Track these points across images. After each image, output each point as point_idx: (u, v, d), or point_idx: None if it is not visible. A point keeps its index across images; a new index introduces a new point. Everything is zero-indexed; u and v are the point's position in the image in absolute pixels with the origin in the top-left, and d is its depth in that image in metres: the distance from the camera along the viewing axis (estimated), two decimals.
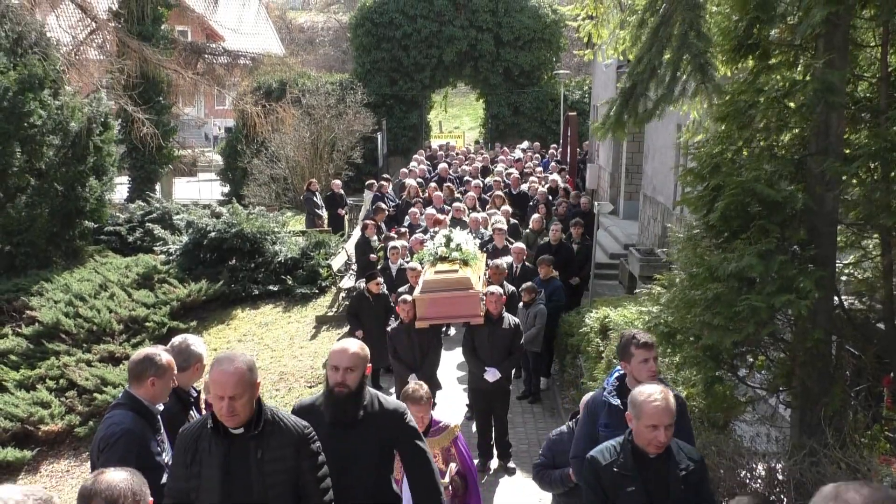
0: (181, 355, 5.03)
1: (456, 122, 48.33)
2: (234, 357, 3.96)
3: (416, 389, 5.70)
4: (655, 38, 5.35)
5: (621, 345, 5.02)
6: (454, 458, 5.84)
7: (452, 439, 5.87)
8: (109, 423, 4.52)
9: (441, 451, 5.78)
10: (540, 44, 31.89)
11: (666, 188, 15.87)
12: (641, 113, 5.62)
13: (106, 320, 15.24)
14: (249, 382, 3.90)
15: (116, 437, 4.41)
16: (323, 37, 57.54)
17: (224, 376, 3.86)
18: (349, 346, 4.61)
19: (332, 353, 4.61)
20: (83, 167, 18.94)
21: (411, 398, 5.59)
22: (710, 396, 6.20)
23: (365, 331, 11.20)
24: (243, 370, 3.90)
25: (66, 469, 12.31)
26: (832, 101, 5.35)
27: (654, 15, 5.49)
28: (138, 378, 4.64)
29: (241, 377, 3.87)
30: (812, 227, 5.63)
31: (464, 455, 5.91)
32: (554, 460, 5.78)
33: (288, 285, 17.49)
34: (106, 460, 4.39)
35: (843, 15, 5.38)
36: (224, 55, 29.76)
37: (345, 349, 4.57)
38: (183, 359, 5.03)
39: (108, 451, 4.39)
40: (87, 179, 19.10)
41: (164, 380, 4.69)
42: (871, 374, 5.89)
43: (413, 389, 5.72)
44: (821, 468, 5.13)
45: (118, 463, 4.08)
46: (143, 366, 4.65)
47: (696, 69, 5.13)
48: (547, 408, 11.31)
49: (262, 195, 25.87)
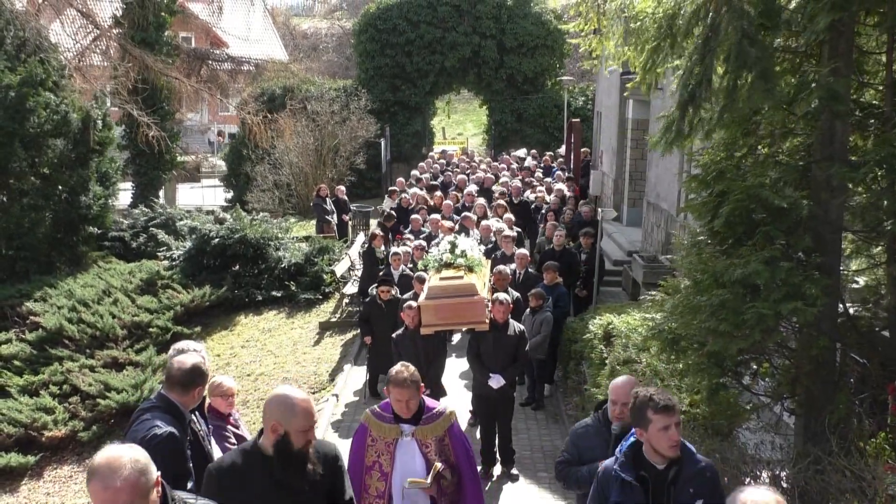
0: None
1: (459, 128, 48.36)
2: (118, 465, 3.03)
3: (400, 371, 5.14)
4: (706, 49, 5.34)
5: (635, 408, 4.24)
6: (448, 449, 5.25)
7: (447, 427, 5.27)
8: (150, 424, 4.51)
9: (434, 442, 5.21)
10: (543, 50, 31.91)
11: (670, 195, 15.86)
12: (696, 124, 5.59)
13: (109, 326, 15.25)
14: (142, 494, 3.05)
15: (160, 439, 4.41)
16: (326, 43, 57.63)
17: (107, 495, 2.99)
18: (308, 404, 4.00)
19: (300, 409, 3.91)
20: (86, 170, 18.98)
21: (393, 380, 5.09)
22: (715, 404, 6.20)
23: (375, 336, 11.25)
24: (133, 481, 3.02)
25: (69, 475, 12.30)
26: (837, 109, 5.35)
27: (698, 24, 5.48)
28: (185, 386, 4.68)
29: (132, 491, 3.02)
30: (817, 235, 5.63)
31: (460, 446, 5.32)
32: (580, 456, 5.35)
33: (291, 291, 17.49)
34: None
35: (847, 22, 5.38)
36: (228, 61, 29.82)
37: (309, 410, 3.97)
38: None
39: (151, 451, 4.36)
40: (90, 183, 19.14)
41: (204, 387, 4.86)
42: (875, 382, 5.88)
43: (396, 371, 5.15)
44: (825, 476, 5.11)
45: (161, 464, 4.05)
46: (192, 376, 4.71)
47: (759, 76, 5.12)
48: (550, 414, 11.29)
49: (266, 201, 25.90)
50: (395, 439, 5.18)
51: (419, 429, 5.17)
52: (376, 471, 5.21)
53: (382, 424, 5.23)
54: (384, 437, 5.20)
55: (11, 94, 17.33)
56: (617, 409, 5.08)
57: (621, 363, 8.26)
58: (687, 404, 6.71)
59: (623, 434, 4.79)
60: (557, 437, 10.47)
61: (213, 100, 29.22)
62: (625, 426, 4.84)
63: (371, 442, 5.24)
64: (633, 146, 20.48)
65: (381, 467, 5.21)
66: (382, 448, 5.20)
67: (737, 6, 5.15)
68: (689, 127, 5.55)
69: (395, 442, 5.18)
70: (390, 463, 5.18)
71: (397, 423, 5.18)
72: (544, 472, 9.48)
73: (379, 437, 5.22)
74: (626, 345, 8.60)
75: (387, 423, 5.22)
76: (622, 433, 4.85)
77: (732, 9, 5.15)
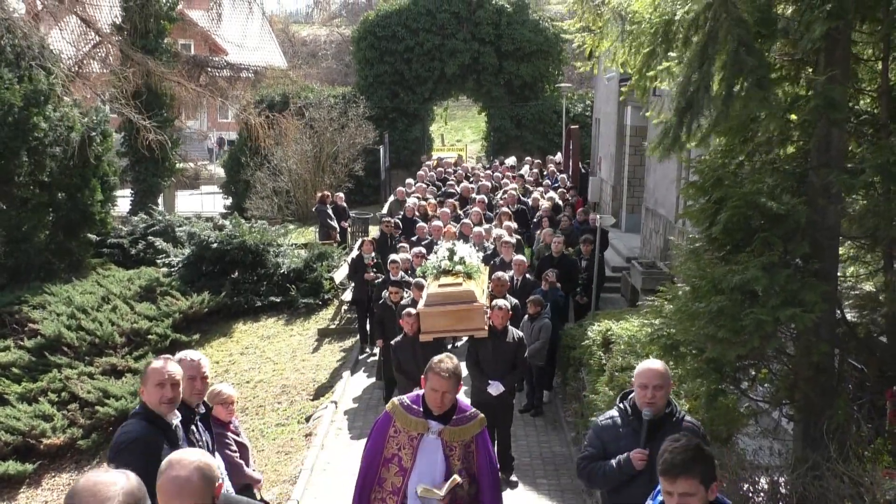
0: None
1: (458, 134, 48.42)
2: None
3: (444, 360, 4.93)
4: (704, 57, 5.37)
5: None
6: (472, 457, 4.98)
7: (476, 434, 5.01)
8: (121, 430, 4.56)
9: (459, 446, 4.93)
10: (542, 57, 31.96)
11: (668, 201, 15.89)
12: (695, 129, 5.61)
13: (108, 333, 15.26)
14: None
15: (125, 445, 4.43)
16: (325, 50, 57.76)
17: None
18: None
19: None
20: (85, 177, 19.02)
21: (435, 369, 4.87)
22: (713, 409, 6.20)
23: (387, 339, 11.28)
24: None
25: (67, 482, 12.29)
26: (834, 117, 5.38)
27: (697, 32, 5.51)
28: (145, 387, 4.66)
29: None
30: (814, 241, 5.65)
31: (485, 456, 5.05)
32: (605, 449, 4.88)
33: (290, 298, 17.51)
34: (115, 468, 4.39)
35: (843, 30, 5.41)
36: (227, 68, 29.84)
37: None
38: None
39: (116, 458, 4.40)
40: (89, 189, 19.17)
41: (148, 387, 4.62)
42: (874, 388, 5.90)
43: (439, 359, 4.95)
44: (824, 482, 5.12)
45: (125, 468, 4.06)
46: (143, 375, 4.70)
47: (754, 84, 5.14)
48: (549, 421, 11.29)
49: (265, 208, 25.93)
50: (420, 434, 4.92)
51: (448, 429, 4.92)
52: (395, 464, 4.95)
53: (409, 416, 4.96)
54: (408, 430, 4.93)
55: (15, 110, 17.41)
56: (648, 394, 4.68)
57: (620, 369, 8.27)
58: (686, 410, 6.72)
59: (656, 421, 4.68)
60: (556, 444, 10.48)
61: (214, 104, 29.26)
62: (657, 412, 4.71)
63: (394, 433, 4.97)
64: (632, 153, 20.53)
65: (400, 461, 4.94)
66: (405, 441, 4.93)
67: (735, 14, 5.18)
68: (686, 134, 5.57)
69: (419, 437, 4.92)
70: (411, 458, 4.91)
71: (426, 418, 4.93)
72: (543, 478, 9.49)
73: (403, 429, 4.95)
74: (625, 351, 8.61)
75: (414, 416, 4.96)
76: (656, 420, 4.70)
77: (730, 16, 5.18)
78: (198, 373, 5.18)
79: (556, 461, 9.98)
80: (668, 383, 4.74)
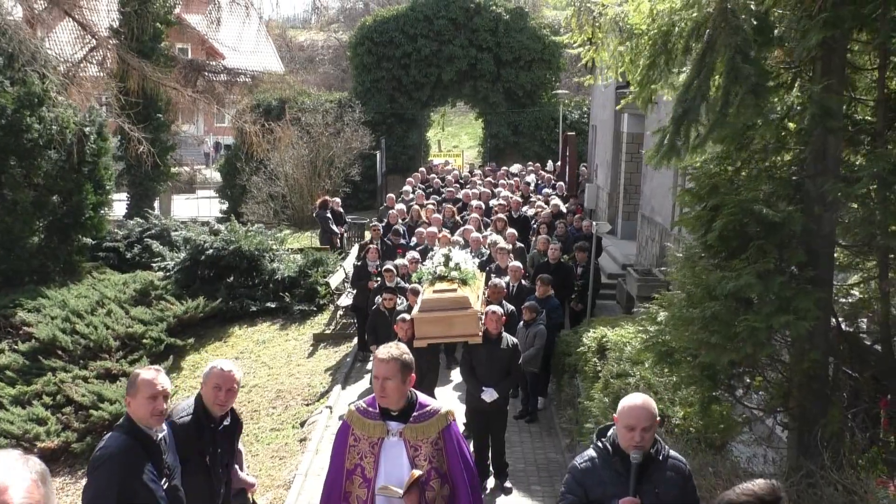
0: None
1: (454, 140, 48.46)
2: None
3: (388, 347, 4.62)
4: (703, 65, 5.38)
5: None
6: (442, 455, 4.58)
7: (442, 429, 4.60)
8: (101, 445, 4.42)
9: (426, 445, 4.52)
10: (540, 64, 32.02)
11: (664, 208, 15.90)
12: (693, 139, 5.62)
13: (103, 337, 15.21)
14: None
15: (101, 461, 4.31)
16: (323, 55, 57.77)
17: None
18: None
19: None
20: (79, 180, 18.97)
21: (377, 355, 4.59)
22: (708, 416, 6.21)
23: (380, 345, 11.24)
24: None
25: (60, 486, 12.24)
26: (830, 125, 5.39)
27: (698, 41, 5.53)
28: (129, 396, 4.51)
29: None
30: (810, 249, 5.65)
31: (455, 453, 4.63)
32: (587, 495, 4.35)
33: (286, 303, 17.49)
34: (87, 486, 4.36)
35: (839, 38, 5.43)
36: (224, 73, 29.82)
37: None
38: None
39: (93, 473, 4.33)
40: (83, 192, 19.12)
41: (138, 399, 4.43)
42: (868, 396, 5.90)
43: (385, 346, 4.64)
44: (818, 490, 5.13)
45: (96, 488, 4.08)
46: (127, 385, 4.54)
47: (749, 92, 5.15)
48: (544, 427, 11.29)
49: (261, 213, 25.91)
50: (381, 439, 4.54)
51: (408, 427, 4.53)
52: (358, 475, 4.57)
53: (366, 421, 4.59)
54: (368, 437, 4.56)
55: (8, 112, 17.37)
56: (636, 437, 4.20)
57: (615, 376, 8.27)
58: (680, 417, 6.73)
59: (646, 464, 4.24)
60: (551, 450, 10.47)
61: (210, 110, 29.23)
62: (646, 454, 4.25)
63: (354, 442, 4.60)
64: (628, 160, 20.53)
65: (363, 472, 4.56)
66: (366, 449, 4.56)
67: (733, 23, 5.20)
68: (683, 141, 5.58)
69: (380, 442, 4.54)
70: (373, 467, 4.52)
71: (384, 419, 4.56)
72: (537, 485, 9.48)
73: (362, 437, 4.58)
74: (620, 358, 8.61)
75: (371, 419, 4.58)
76: (645, 463, 4.24)
77: (729, 25, 5.19)
78: (224, 383, 4.98)
79: (551, 468, 9.97)
80: (656, 421, 4.29)
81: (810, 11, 5.34)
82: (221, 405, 4.97)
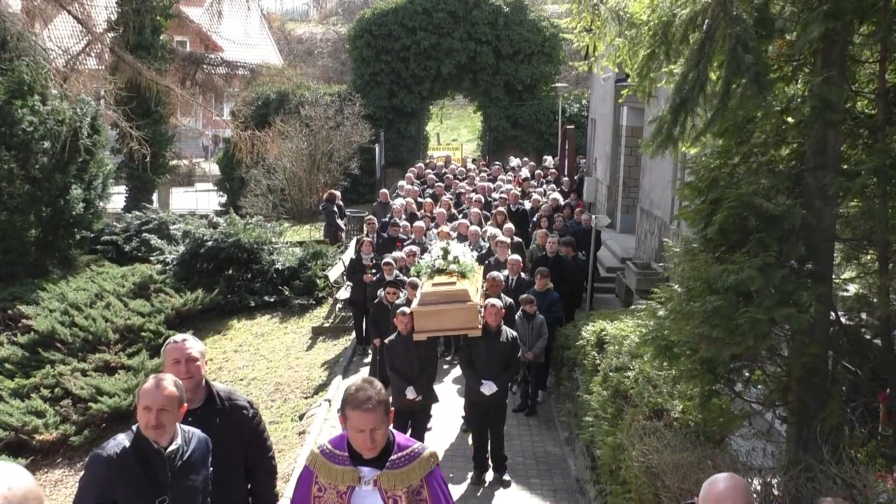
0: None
1: (453, 133, 48.39)
2: None
3: (362, 388, 3.81)
4: (701, 55, 5.36)
5: None
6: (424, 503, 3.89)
7: (426, 475, 3.91)
8: (105, 443, 4.22)
9: (405, 495, 3.84)
10: (539, 57, 31.95)
11: (663, 202, 15.89)
12: (690, 129, 5.59)
13: (101, 329, 15.21)
14: None
15: (89, 461, 4.20)
16: (322, 48, 57.63)
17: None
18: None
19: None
20: (75, 173, 18.90)
21: (352, 401, 3.78)
22: (707, 410, 6.20)
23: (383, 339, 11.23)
24: None
25: (59, 478, 12.26)
26: (830, 118, 5.37)
27: (695, 30, 5.50)
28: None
29: None
30: (810, 243, 5.64)
31: (440, 500, 3.95)
32: None
33: (285, 296, 17.49)
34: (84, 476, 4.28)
35: (840, 31, 5.40)
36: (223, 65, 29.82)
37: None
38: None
39: (87, 467, 4.25)
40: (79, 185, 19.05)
41: (138, 407, 4.13)
42: (867, 390, 5.89)
43: (356, 388, 3.82)
44: (817, 484, 5.12)
45: (80, 486, 4.08)
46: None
47: (752, 81, 5.12)
48: (543, 420, 11.29)
49: (260, 205, 25.88)
50: (351, 488, 3.84)
51: (385, 474, 3.83)
52: None
53: (334, 467, 3.89)
54: (335, 485, 3.86)
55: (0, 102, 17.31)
56: None
57: (614, 369, 8.27)
58: (679, 411, 6.72)
59: None
60: (550, 444, 10.48)
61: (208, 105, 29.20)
62: None
63: (318, 492, 3.90)
64: (627, 153, 20.53)
65: None
66: (333, 500, 3.85)
67: (733, 13, 5.17)
68: (680, 131, 5.57)
69: (349, 491, 3.84)
70: None
71: (354, 465, 3.86)
72: (536, 478, 9.49)
73: (328, 485, 3.88)
74: (619, 351, 8.60)
75: (339, 464, 3.89)
76: None
77: (728, 15, 5.17)
78: (182, 356, 4.61)
79: (550, 461, 9.98)
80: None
81: (811, 3, 5.31)
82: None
